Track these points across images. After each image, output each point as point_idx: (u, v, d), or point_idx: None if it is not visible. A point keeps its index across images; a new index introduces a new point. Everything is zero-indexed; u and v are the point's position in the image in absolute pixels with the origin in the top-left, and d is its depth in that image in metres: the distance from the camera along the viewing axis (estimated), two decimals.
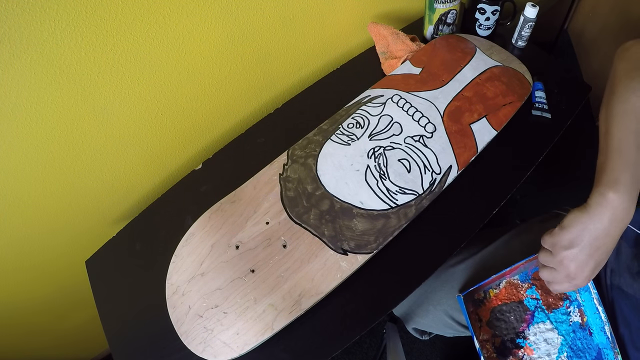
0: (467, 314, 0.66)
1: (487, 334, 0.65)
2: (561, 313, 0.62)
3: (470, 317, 0.66)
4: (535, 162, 0.68)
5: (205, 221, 0.60)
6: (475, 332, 0.65)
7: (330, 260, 0.55)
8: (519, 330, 0.63)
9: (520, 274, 0.66)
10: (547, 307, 0.63)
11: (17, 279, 0.75)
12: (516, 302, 0.64)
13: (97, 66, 0.57)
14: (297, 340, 0.52)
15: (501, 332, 0.64)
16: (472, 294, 0.67)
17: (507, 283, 0.66)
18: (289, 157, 0.65)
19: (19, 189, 0.62)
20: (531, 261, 0.64)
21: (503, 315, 0.65)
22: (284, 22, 0.74)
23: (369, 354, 1.16)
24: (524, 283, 0.65)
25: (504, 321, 0.64)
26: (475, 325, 0.66)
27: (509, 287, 0.65)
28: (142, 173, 0.76)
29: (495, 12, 0.80)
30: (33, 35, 0.49)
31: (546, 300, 0.63)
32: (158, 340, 0.58)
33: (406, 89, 0.71)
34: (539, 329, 0.62)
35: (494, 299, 0.66)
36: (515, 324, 0.64)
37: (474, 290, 0.67)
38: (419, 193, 0.61)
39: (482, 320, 0.66)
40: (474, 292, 0.67)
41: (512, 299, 0.65)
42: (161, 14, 0.58)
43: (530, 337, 0.62)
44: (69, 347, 1.03)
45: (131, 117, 0.66)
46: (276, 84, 0.84)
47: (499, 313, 0.65)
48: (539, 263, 0.55)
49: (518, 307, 0.64)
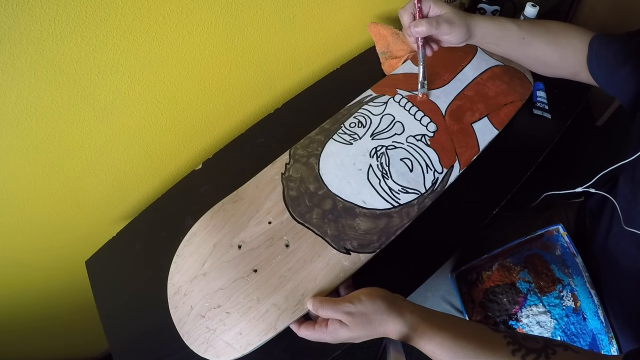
0: (459, 294, 0.66)
1: (479, 315, 0.65)
2: (554, 297, 0.62)
3: (463, 298, 0.67)
4: (536, 161, 0.69)
5: (207, 221, 0.60)
6: (467, 313, 0.65)
7: (333, 260, 0.55)
8: (512, 312, 0.63)
9: (513, 257, 0.66)
10: (539, 290, 0.63)
11: (17, 279, 0.75)
12: (509, 285, 0.65)
13: (97, 66, 0.57)
14: (297, 340, 0.52)
15: (494, 313, 0.64)
16: (464, 274, 0.67)
17: (499, 265, 0.66)
18: (290, 157, 0.65)
19: (19, 189, 0.62)
20: (522, 245, 0.65)
21: (495, 296, 0.65)
22: (284, 22, 0.74)
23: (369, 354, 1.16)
24: (517, 266, 0.65)
25: (496, 303, 0.65)
26: (468, 306, 0.66)
27: (502, 270, 0.66)
28: (142, 173, 0.76)
29: (495, 12, 0.80)
30: (33, 35, 0.49)
31: (538, 284, 0.63)
32: (158, 340, 0.58)
33: (408, 88, 0.71)
34: (532, 312, 0.62)
35: (487, 280, 0.66)
36: (507, 306, 0.64)
37: (467, 271, 0.67)
38: (421, 192, 0.61)
39: (474, 301, 0.66)
40: (466, 273, 0.67)
41: (504, 281, 0.65)
42: (161, 14, 0.58)
43: (522, 320, 0.62)
44: (69, 347, 1.03)
45: (131, 117, 0.66)
46: (276, 84, 0.84)
47: (491, 294, 0.65)
48: None
49: (510, 289, 0.64)
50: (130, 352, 0.58)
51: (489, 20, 0.61)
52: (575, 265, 0.62)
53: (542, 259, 0.65)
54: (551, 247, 0.65)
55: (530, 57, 0.64)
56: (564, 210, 0.75)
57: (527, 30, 0.62)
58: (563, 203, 0.77)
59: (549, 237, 0.65)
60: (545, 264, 0.64)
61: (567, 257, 0.63)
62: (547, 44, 0.62)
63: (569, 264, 0.62)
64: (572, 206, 0.75)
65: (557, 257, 0.64)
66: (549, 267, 0.64)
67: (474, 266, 0.68)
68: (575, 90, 0.78)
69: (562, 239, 0.63)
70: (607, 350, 0.57)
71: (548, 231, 0.64)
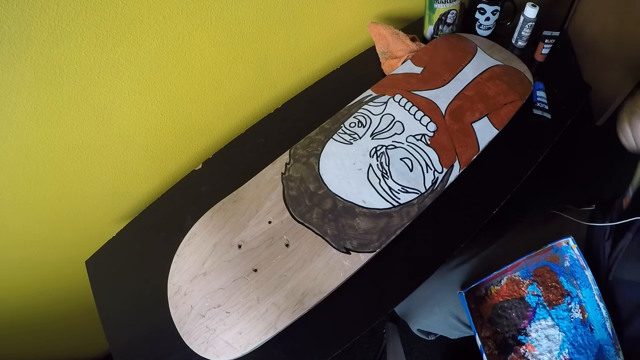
0: (468, 311, 0.66)
1: (488, 331, 0.65)
2: (562, 309, 0.62)
3: (472, 314, 0.66)
4: (536, 161, 0.68)
5: (207, 221, 0.60)
6: (477, 329, 0.65)
7: (333, 259, 0.55)
8: (521, 326, 0.63)
9: (522, 271, 0.66)
10: (548, 304, 0.63)
11: (17, 279, 0.75)
12: (517, 299, 0.65)
13: (97, 66, 0.57)
14: (296, 340, 0.52)
15: (503, 328, 0.64)
16: (473, 291, 0.67)
17: (508, 280, 0.66)
18: (291, 156, 0.65)
19: (19, 189, 0.62)
20: (532, 257, 0.64)
21: (504, 312, 0.65)
22: (284, 22, 0.74)
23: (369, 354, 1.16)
24: (525, 279, 0.65)
25: (505, 318, 0.64)
26: (477, 322, 0.66)
27: (510, 284, 0.66)
28: (142, 173, 0.76)
29: (495, 12, 0.80)
30: (33, 35, 0.49)
31: (547, 297, 0.63)
32: (158, 340, 0.58)
33: (408, 88, 0.71)
34: (541, 326, 0.62)
35: (496, 295, 0.66)
36: (516, 321, 0.64)
37: (476, 287, 0.67)
38: (421, 192, 0.61)
39: (483, 317, 0.66)
40: (475, 289, 0.67)
41: (513, 295, 0.65)
42: (161, 14, 0.58)
43: (531, 334, 0.62)
44: (69, 347, 1.02)
45: (131, 117, 0.66)
46: (276, 84, 0.84)
47: (500, 310, 0.65)
48: None
49: (519, 303, 0.64)
50: (130, 352, 0.58)
51: None
52: (584, 277, 0.62)
53: (551, 272, 0.65)
54: (560, 258, 0.65)
55: None
56: (575, 217, 0.73)
57: None
58: (574, 211, 0.75)
59: (558, 249, 0.65)
60: (553, 277, 0.64)
61: (576, 268, 0.63)
62: None
63: (577, 275, 0.63)
64: (583, 215, 0.74)
65: (565, 268, 0.64)
66: (557, 280, 0.64)
67: (483, 282, 0.68)
68: (575, 90, 0.78)
69: (572, 251, 0.63)
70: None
71: (557, 243, 0.64)
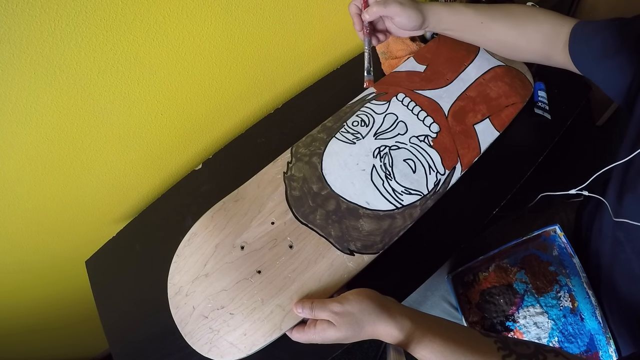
0: (455, 294, 0.66)
1: (476, 316, 0.65)
2: (551, 297, 0.62)
3: (460, 299, 0.66)
4: (536, 162, 0.69)
5: (208, 221, 0.59)
6: (464, 314, 0.65)
7: (337, 261, 0.55)
8: (509, 313, 0.63)
9: (510, 258, 0.66)
10: (536, 291, 0.63)
11: (17, 279, 0.75)
12: (505, 286, 0.65)
13: (97, 66, 0.56)
14: None
15: (490, 314, 0.64)
16: (461, 276, 0.67)
17: (496, 267, 0.66)
18: (292, 155, 0.64)
19: (19, 189, 0.62)
20: (519, 245, 0.64)
21: (492, 297, 0.65)
22: (284, 22, 0.74)
23: (369, 354, 1.17)
24: (513, 267, 0.65)
25: (493, 304, 0.65)
26: (465, 307, 0.66)
27: (498, 271, 0.66)
28: (142, 173, 0.75)
29: None
30: (33, 35, 0.48)
31: (535, 284, 0.63)
32: (158, 340, 0.58)
33: (410, 86, 0.70)
34: (529, 313, 0.62)
35: (483, 281, 0.66)
36: (504, 307, 0.64)
37: (464, 273, 0.67)
38: (423, 194, 0.61)
39: (471, 302, 0.66)
40: (463, 275, 0.67)
41: (501, 282, 0.65)
42: (161, 14, 0.57)
43: (520, 320, 0.62)
44: (69, 347, 1.02)
45: (131, 117, 0.65)
46: (276, 84, 0.84)
47: (488, 295, 0.65)
48: None
49: (507, 290, 0.64)
50: (130, 352, 0.59)
51: (443, 5, 0.59)
52: (572, 265, 0.62)
53: (539, 260, 0.65)
54: (548, 247, 0.65)
55: (493, 41, 0.63)
56: (563, 210, 0.75)
57: (486, 15, 0.60)
58: (563, 203, 0.77)
59: (546, 238, 0.65)
60: (542, 265, 0.64)
61: (565, 257, 0.63)
62: (510, 28, 0.60)
63: (566, 264, 0.63)
64: (571, 205, 0.76)
65: (554, 257, 0.64)
66: (546, 268, 0.64)
67: (470, 267, 0.68)
68: (575, 90, 0.78)
69: (559, 240, 0.63)
70: (604, 350, 0.57)
71: (545, 232, 0.64)
